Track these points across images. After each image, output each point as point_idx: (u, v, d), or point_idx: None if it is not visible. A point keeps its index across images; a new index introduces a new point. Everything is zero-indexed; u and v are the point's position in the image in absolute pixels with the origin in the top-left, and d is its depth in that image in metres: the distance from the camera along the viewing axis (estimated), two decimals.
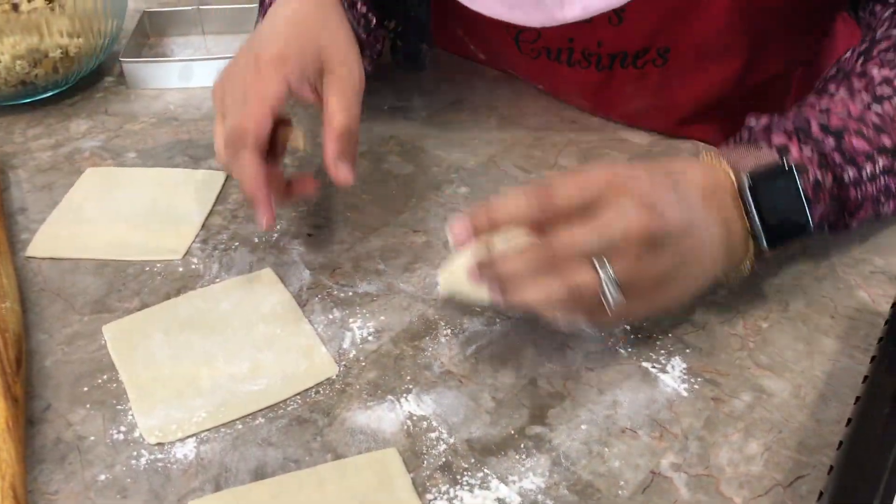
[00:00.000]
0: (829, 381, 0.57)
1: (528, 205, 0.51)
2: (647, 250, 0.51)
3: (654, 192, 0.52)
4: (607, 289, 0.50)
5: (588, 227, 0.50)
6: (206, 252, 0.69)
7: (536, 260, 0.51)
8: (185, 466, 0.52)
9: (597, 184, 0.51)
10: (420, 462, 0.52)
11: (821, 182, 0.59)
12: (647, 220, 0.50)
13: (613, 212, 0.50)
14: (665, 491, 0.51)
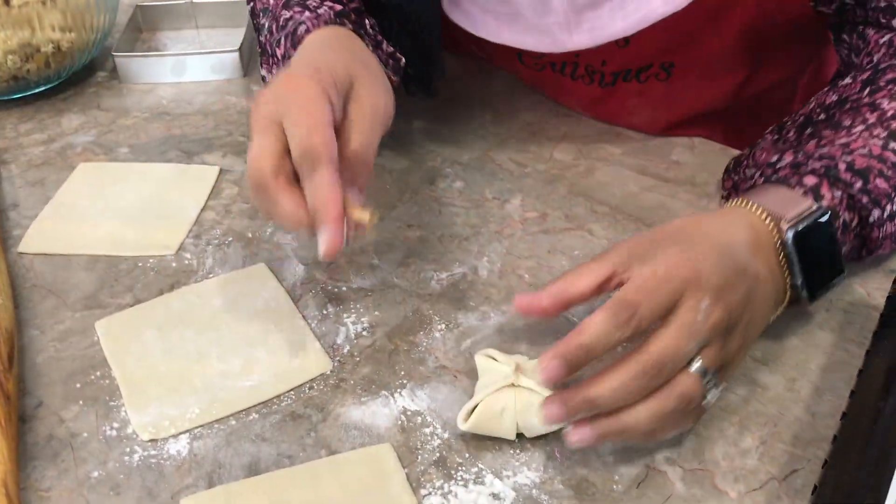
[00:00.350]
0: (824, 374, 0.57)
1: (618, 329, 0.47)
2: (725, 336, 0.50)
3: (725, 280, 0.50)
4: (708, 388, 0.49)
5: (683, 333, 0.47)
6: (199, 247, 0.69)
7: (642, 374, 0.47)
8: (178, 463, 0.52)
9: (677, 289, 0.48)
10: (414, 457, 0.52)
11: (848, 224, 0.58)
12: (725, 314, 0.49)
13: (696, 313, 0.48)
14: (660, 485, 0.50)
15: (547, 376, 0.47)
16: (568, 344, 0.47)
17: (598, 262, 0.53)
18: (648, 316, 0.47)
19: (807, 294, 0.56)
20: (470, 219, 0.71)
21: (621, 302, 0.47)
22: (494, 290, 0.64)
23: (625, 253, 0.52)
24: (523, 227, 0.70)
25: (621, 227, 0.70)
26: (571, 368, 0.47)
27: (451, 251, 0.68)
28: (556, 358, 0.47)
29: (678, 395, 0.48)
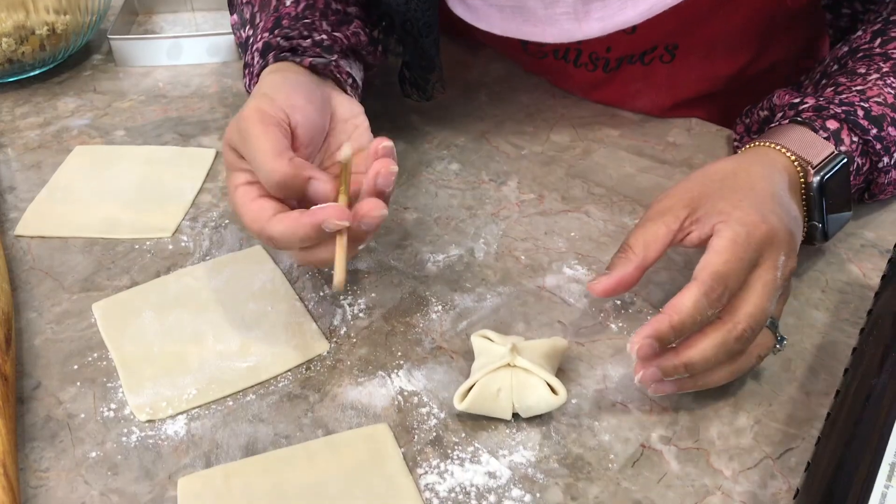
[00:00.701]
0: (819, 354, 0.57)
1: (710, 306, 0.49)
2: (789, 282, 0.53)
3: (791, 232, 0.52)
4: (778, 340, 0.53)
5: (767, 294, 0.50)
6: (195, 230, 0.69)
7: (737, 340, 0.49)
8: (175, 443, 0.52)
9: (758, 250, 0.50)
10: (411, 437, 0.52)
11: (860, 168, 0.61)
12: (795, 263, 0.52)
13: (776, 271, 0.50)
14: (655, 464, 0.51)
15: (641, 355, 0.48)
16: (661, 324, 0.48)
17: (658, 220, 0.54)
18: (736, 287, 0.49)
19: (821, 235, 0.59)
20: (466, 201, 0.71)
21: (713, 277, 0.48)
22: (490, 271, 0.64)
23: (683, 204, 0.54)
24: (520, 209, 0.70)
25: (617, 208, 0.70)
26: (664, 347, 0.48)
27: (448, 233, 0.68)
28: (650, 337, 0.48)
29: (757, 355, 0.51)
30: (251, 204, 0.54)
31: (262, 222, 0.52)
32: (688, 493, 0.49)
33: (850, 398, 0.44)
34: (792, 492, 0.49)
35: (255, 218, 0.53)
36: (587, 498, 0.49)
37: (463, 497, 0.49)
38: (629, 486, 0.50)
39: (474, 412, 0.53)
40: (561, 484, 0.50)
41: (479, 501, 0.49)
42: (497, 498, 0.49)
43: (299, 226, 0.51)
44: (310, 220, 0.51)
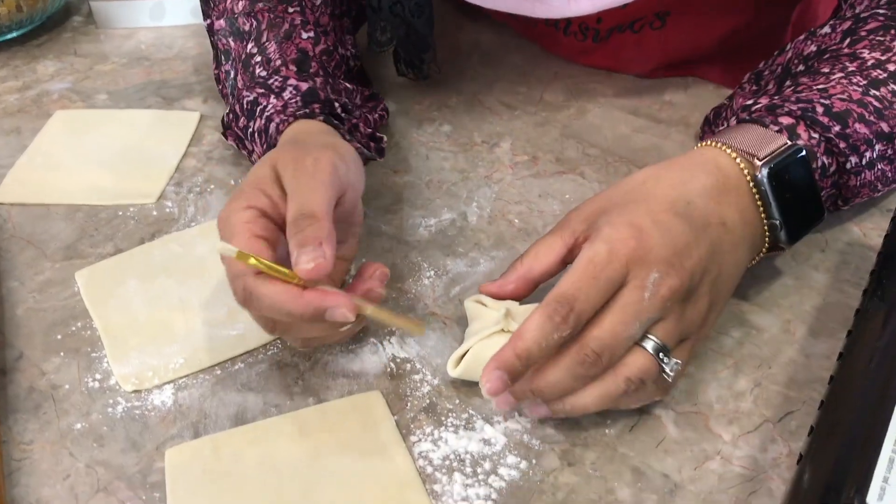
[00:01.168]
0: (819, 315, 0.56)
1: (555, 330, 0.44)
2: (683, 303, 0.48)
3: (674, 247, 0.47)
4: (664, 363, 0.47)
5: (625, 315, 0.45)
6: (180, 195, 0.67)
7: (580, 364, 0.45)
8: (162, 413, 0.51)
9: (619, 270, 0.45)
10: (404, 404, 0.51)
11: (826, 168, 0.56)
12: (677, 282, 0.46)
13: (643, 291, 0.45)
14: (652, 428, 0.50)
15: (492, 391, 0.45)
16: (506, 354, 0.45)
17: (557, 233, 0.51)
18: (588, 308, 0.45)
19: (785, 236, 0.53)
20: (458, 163, 0.70)
21: (557, 299, 0.45)
22: (484, 235, 0.63)
23: (582, 218, 0.51)
24: (513, 172, 0.69)
25: (613, 169, 0.68)
26: (514, 377, 0.45)
27: (440, 197, 0.66)
28: (497, 369, 0.44)
29: (625, 378, 0.46)
30: (249, 239, 0.47)
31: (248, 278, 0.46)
32: (686, 458, 0.48)
33: (853, 361, 0.43)
34: (793, 456, 0.48)
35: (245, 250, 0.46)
36: (584, 464, 0.48)
37: (457, 464, 0.48)
38: (626, 452, 0.49)
39: (468, 378, 0.51)
40: (557, 450, 0.49)
41: (475, 469, 0.48)
42: (492, 465, 0.48)
43: (298, 302, 0.46)
44: (317, 301, 0.46)
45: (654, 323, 0.46)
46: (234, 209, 0.49)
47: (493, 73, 0.80)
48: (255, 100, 0.62)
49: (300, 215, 0.47)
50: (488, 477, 0.47)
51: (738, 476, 0.47)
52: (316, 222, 0.46)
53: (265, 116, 0.61)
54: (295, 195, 0.48)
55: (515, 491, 0.47)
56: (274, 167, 0.51)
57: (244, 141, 0.64)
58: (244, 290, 0.47)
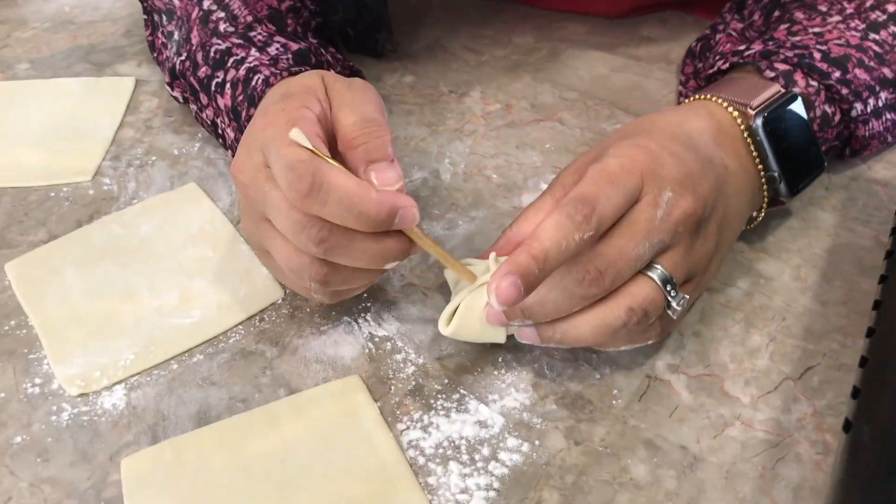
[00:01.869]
0: (831, 258, 0.52)
1: (576, 229, 0.39)
2: (693, 235, 0.43)
3: (686, 169, 0.43)
4: (670, 296, 0.42)
5: (635, 232, 0.41)
6: (119, 170, 0.60)
7: (579, 282, 0.41)
8: (114, 418, 0.45)
9: (636, 182, 0.41)
10: (387, 388, 0.46)
11: (829, 118, 0.52)
12: (691, 206, 0.42)
13: (655, 209, 0.41)
14: (664, 396, 0.45)
15: (503, 300, 0.39)
16: (520, 258, 0.39)
17: (546, 193, 0.47)
18: (610, 211, 0.40)
19: (785, 189, 0.49)
20: (425, 117, 0.64)
21: (577, 197, 0.40)
22: (460, 194, 0.57)
23: (573, 170, 0.46)
24: (486, 122, 0.63)
25: (594, 112, 0.63)
26: (529, 286, 0.39)
27: (407, 154, 0.60)
28: (510, 275, 0.39)
29: (627, 308, 0.41)
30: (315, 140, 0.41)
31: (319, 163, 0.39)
32: (704, 427, 0.44)
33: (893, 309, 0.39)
34: (819, 416, 0.44)
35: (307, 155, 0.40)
36: (592, 441, 0.43)
37: (452, 452, 0.43)
38: (638, 424, 0.44)
39: (462, 338, 0.46)
40: (561, 427, 0.44)
41: (472, 455, 0.43)
42: (491, 450, 0.43)
43: (373, 198, 0.40)
44: (391, 198, 0.40)
45: (662, 252, 0.42)
46: (290, 105, 0.43)
47: (455, 16, 0.74)
48: (228, 50, 0.56)
49: (365, 120, 0.42)
50: (488, 464, 0.42)
51: (761, 442, 0.43)
52: (384, 130, 0.42)
53: (246, 68, 0.54)
54: (352, 105, 0.43)
55: (519, 477, 0.42)
56: (322, 79, 0.45)
57: (199, 93, 0.58)
58: (313, 175, 0.39)
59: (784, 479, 0.41)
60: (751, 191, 0.48)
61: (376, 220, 0.40)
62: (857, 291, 0.50)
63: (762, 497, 0.41)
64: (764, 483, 0.41)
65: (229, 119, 0.55)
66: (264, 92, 0.51)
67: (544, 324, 0.43)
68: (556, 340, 0.43)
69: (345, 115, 0.43)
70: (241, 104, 0.53)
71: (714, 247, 0.45)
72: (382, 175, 0.41)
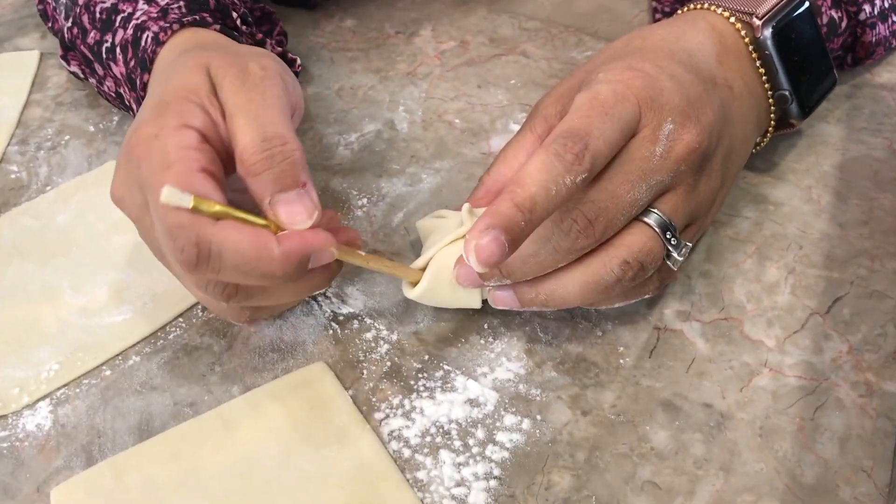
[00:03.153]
0: (843, 175, 0.46)
1: (567, 171, 0.33)
2: (697, 173, 0.37)
3: (688, 95, 0.37)
4: (670, 245, 0.36)
5: (630, 173, 0.35)
6: (27, 155, 0.53)
7: (565, 233, 0.35)
8: (40, 441, 0.38)
9: (632, 112, 0.35)
10: (358, 373, 0.39)
11: (836, 24, 0.46)
12: (695, 139, 0.36)
13: (654, 144, 0.35)
14: (677, 348, 0.39)
15: (484, 259, 0.32)
16: (502, 207, 0.32)
17: (525, 127, 0.40)
18: (605, 148, 0.34)
19: (797, 109, 0.43)
20: (372, 63, 0.57)
21: (566, 133, 0.33)
22: (421, 144, 0.51)
23: (555, 98, 0.40)
24: (441, 63, 0.56)
25: (559, 41, 0.56)
26: (514, 242, 0.33)
27: (356, 106, 0.53)
28: (492, 229, 0.32)
29: (621, 261, 0.35)
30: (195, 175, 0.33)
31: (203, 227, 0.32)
32: (727, 379, 0.38)
33: None
34: (856, 353, 0.38)
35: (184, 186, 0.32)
36: (602, 409, 0.37)
37: (442, 439, 0.37)
38: (652, 384, 0.38)
39: (430, 303, 0.40)
40: (564, 397, 0.38)
41: (465, 441, 0.37)
42: (487, 432, 0.37)
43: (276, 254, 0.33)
44: (299, 245, 0.33)
45: (661, 194, 0.36)
46: (165, 128, 0.35)
47: None
48: (115, 6, 0.47)
49: (266, 139, 0.34)
50: (485, 448, 0.36)
51: (795, 390, 0.37)
52: (290, 150, 0.34)
53: (133, 25, 0.46)
54: (249, 113, 0.35)
55: (522, 460, 0.36)
56: (207, 73, 0.37)
57: (93, 63, 0.50)
58: (197, 245, 0.32)
59: (827, 430, 0.36)
60: (757, 114, 0.42)
61: (284, 277, 0.33)
62: (878, 209, 0.44)
63: (805, 453, 0.35)
64: (804, 437, 0.36)
65: (129, 89, 0.47)
66: (155, 52, 0.43)
67: (524, 285, 0.37)
68: (540, 303, 0.37)
69: (241, 128, 0.34)
70: (135, 70, 0.45)
71: (719, 183, 0.39)
72: (290, 210, 0.33)
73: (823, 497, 0.34)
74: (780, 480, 0.34)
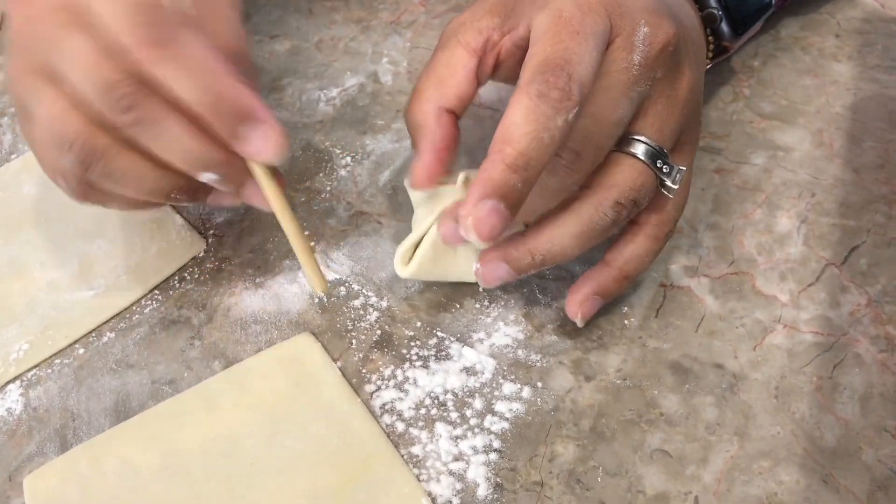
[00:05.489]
0: (856, 116, 0.44)
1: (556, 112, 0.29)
2: (674, 74, 0.34)
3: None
4: (662, 173, 0.33)
5: (610, 90, 0.32)
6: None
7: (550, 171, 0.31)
8: (10, 426, 0.36)
9: (599, 22, 0.31)
10: (347, 343, 0.37)
11: None
12: (671, 32, 0.33)
13: (630, 52, 0.32)
14: (685, 306, 0.37)
15: (486, 233, 0.30)
16: (493, 170, 0.29)
17: (460, 36, 0.36)
18: (588, 72, 0.30)
19: (728, 29, 0.40)
20: (352, 12, 0.53)
21: (542, 66, 0.30)
22: (407, 98, 0.47)
23: (489, 11, 0.35)
24: (426, 9, 0.53)
25: None
26: (514, 206, 0.30)
27: (337, 58, 0.50)
28: (487, 199, 0.29)
29: (613, 202, 0.32)
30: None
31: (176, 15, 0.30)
32: (740, 337, 0.36)
33: None
34: (875, 306, 0.36)
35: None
36: (606, 373, 0.35)
37: (437, 411, 0.35)
38: (659, 345, 0.36)
39: (424, 278, 0.37)
40: (566, 362, 0.36)
41: (462, 412, 0.34)
42: (485, 402, 0.35)
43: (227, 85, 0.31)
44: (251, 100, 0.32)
45: (640, 110, 0.33)
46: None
47: None
48: None
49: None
50: (483, 419, 0.34)
51: (812, 347, 0.35)
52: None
53: None
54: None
55: (524, 431, 0.34)
56: None
57: None
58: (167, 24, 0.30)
59: (847, 389, 0.34)
60: (695, 40, 0.39)
61: (226, 110, 0.31)
62: (895, 151, 0.41)
63: (823, 414, 0.33)
64: (823, 397, 0.34)
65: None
66: None
67: (515, 251, 0.34)
68: (537, 265, 0.34)
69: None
70: None
71: (695, 87, 0.35)
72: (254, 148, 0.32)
73: (845, 460, 0.32)
74: (798, 444, 0.32)
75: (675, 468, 0.32)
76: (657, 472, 0.32)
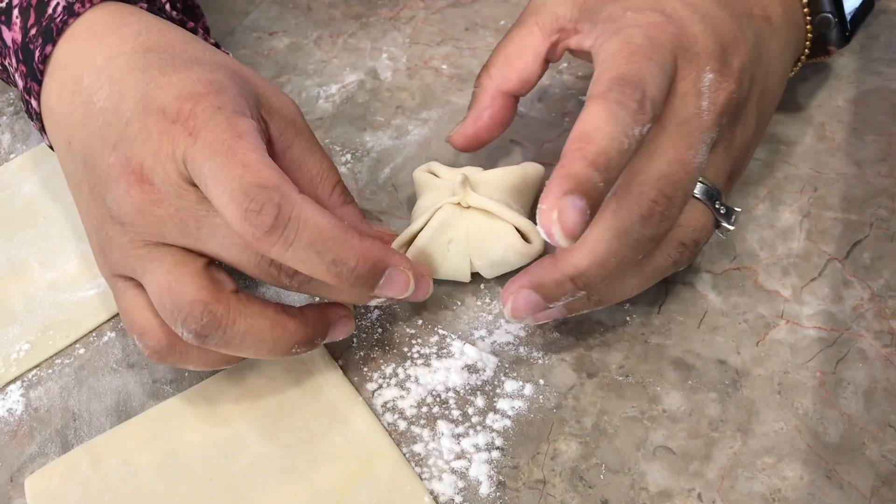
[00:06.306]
0: (858, 109, 0.43)
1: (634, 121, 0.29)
2: (732, 123, 0.33)
3: (720, 40, 0.33)
4: (719, 214, 0.33)
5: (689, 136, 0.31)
6: None
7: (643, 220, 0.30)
8: (11, 427, 0.36)
9: (667, 58, 0.31)
10: (348, 342, 0.37)
11: None
12: (734, 86, 0.32)
13: (699, 98, 0.31)
14: (688, 302, 0.37)
15: (571, 229, 0.27)
16: (574, 167, 0.28)
17: (529, 21, 0.36)
18: (660, 96, 0.30)
19: (837, 35, 0.39)
20: (351, 8, 0.53)
21: (620, 80, 0.29)
22: (406, 94, 0.47)
23: (569, 3, 0.35)
24: (426, 4, 0.53)
25: None
26: (594, 206, 0.28)
27: (336, 55, 0.50)
28: (569, 194, 0.28)
29: (678, 243, 0.32)
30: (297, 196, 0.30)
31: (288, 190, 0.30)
32: (743, 333, 0.35)
33: None
34: (878, 300, 0.36)
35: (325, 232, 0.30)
36: (608, 370, 0.35)
37: (439, 409, 0.34)
38: (661, 342, 0.36)
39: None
40: (569, 359, 0.35)
41: (464, 410, 0.34)
42: (487, 400, 0.35)
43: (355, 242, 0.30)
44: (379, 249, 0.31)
45: (710, 160, 0.33)
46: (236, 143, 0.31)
47: None
48: None
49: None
50: (485, 417, 0.34)
51: (815, 342, 0.35)
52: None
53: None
54: None
55: (526, 428, 0.34)
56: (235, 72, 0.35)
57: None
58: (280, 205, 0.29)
59: (850, 384, 0.34)
60: (795, 43, 0.39)
61: (355, 274, 0.30)
62: None
63: (827, 409, 0.33)
64: (826, 392, 0.33)
65: (17, 60, 0.38)
66: (66, 24, 0.36)
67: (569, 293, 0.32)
68: (592, 306, 0.33)
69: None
70: (35, 40, 0.37)
71: (754, 131, 0.35)
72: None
73: (849, 456, 0.32)
74: (801, 440, 0.32)
75: (678, 465, 0.32)
76: (660, 469, 0.32)
